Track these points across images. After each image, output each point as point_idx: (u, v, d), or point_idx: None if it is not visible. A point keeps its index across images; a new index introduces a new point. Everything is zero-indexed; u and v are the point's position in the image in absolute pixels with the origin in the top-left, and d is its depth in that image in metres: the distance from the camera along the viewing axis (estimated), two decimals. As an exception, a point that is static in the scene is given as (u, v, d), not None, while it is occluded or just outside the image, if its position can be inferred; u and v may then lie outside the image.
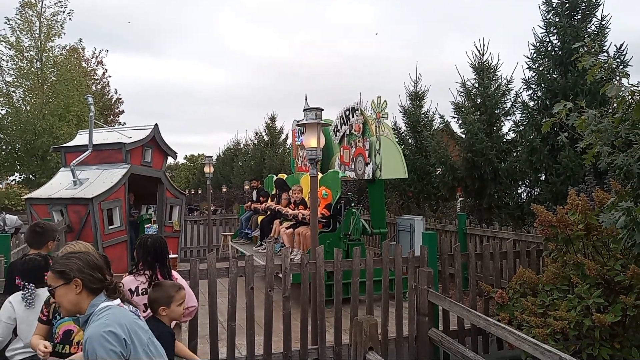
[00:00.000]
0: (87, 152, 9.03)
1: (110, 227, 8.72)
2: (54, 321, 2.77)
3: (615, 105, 3.75)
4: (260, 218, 9.73)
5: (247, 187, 20.30)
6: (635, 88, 3.54)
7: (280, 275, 4.88)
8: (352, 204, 7.81)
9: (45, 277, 3.18)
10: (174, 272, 3.57)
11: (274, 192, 9.87)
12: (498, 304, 4.85)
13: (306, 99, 9.85)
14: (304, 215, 7.76)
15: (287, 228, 8.06)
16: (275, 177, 10.49)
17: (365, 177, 8.15)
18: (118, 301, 2.11)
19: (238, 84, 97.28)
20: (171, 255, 4.86)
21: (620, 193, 3.75)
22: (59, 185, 9.16)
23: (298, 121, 10.26)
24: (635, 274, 3.87)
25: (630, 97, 3.56)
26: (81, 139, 10.12)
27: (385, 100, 7.97)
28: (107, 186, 8.65)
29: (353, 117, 8.52)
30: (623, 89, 3.53)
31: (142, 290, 3.27)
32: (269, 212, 9.33)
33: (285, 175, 10.66)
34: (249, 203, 10.88)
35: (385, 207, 8.78)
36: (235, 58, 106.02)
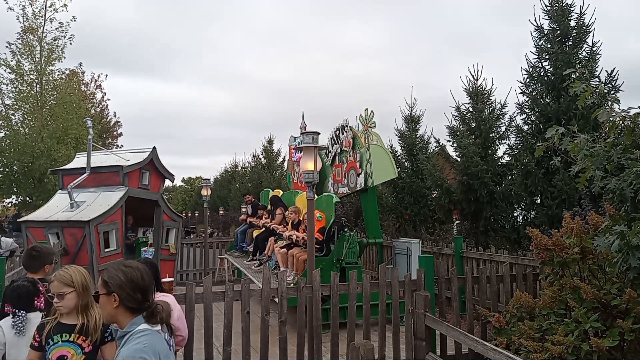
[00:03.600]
0: (85, 175, 9.05)
1: (106, 250, 8.68)
2: (47, 347, 2.74)
3: (607, 129, 3.82)
4: (255, 233, 9.76)
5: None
6: (625, 113, 3.61)
7: (277, 300, 4.86)
8: (346, 229, 7.81)
9: (35, 302, 3.18)
10: (168, 296, 3.55)
11: (269, 208, 9.96)
12: (495, 328, 4.82)
13: (303, 117, 9.99)
14: (298, 237, 7.79)
15: (281, 247, 8.07)
16: (270, 193, 10.55)
17: (358, 188, 8.33)
18: (159, 327, 2.10)
19: (242, 106, 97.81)
20: (167, 279, 4.86)
21: (614, 217, 3.78)
22: (56, 207, 9.15)
23: (295, 137, 10.41)
24: (632, 298, 3.87)
25: (621, 122, 3.64)
26: (79, 161, 10.16)
27: (372, 111, 8.22)
28: (104, 209, 8.65)
29: (343, 134, 8.86)
30: (614, 114, 3.61)
31: None
32: (264, 229, 9.39)
33: (281, 192, 10.75)
34: (244, 216, 10.86)
35: (378, 216, 8.79)
36: (242, 80, 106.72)
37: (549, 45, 8.75)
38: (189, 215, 30.94)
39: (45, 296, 3.21)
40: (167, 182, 11.19)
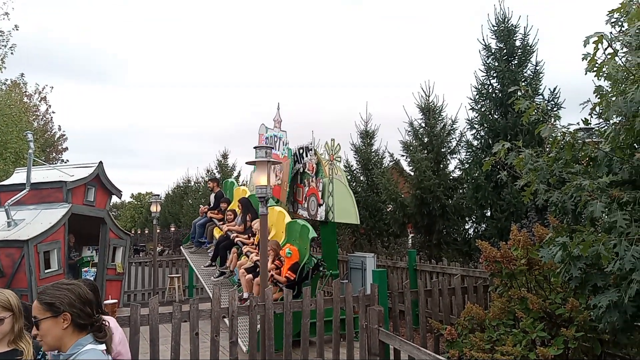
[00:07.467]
0: (24, 191, 8.54)
1: (47, 270, 8.19)
2: None
3: (549, 145, 3.96)
4: (217, 231, 9.23)
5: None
6: (566, 129, 3.76)
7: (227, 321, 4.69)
8: (322, 268, 7.20)
9: None
10: (110, 319, 3.33)
11: (238, 210, 9.09)
12: (448, 340, 4.85)
13: (278, 109, 9.29)
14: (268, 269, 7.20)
15: (246, 270, 7.39)
16: (236, 187, 10.00)
17: (319, 218, 8.00)
18: (104, 347, 2.00)
19: (199, 118, 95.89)
20: (110, 301, 4.60)
21: (556, 228, 3.90)
22: (-9, 226, 8.56)
23: (267, 128, 10.02)
24: (574, 307, 4.00)
25: (562, 137, 3.78)
26: (18, 177, 9.60)
27: (338, 144, 7.90)
28: (45, 227, 8.18)
29: (307, 156, 8.50)
30: (555, 130, 3.75)
31: None
32: (228, 236, 8.62)
33: (248, 192, 9.67)
34: (205, 208, 10.24)
35: (337, 249, 8.50)
36: (199, 90, 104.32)
37: (496, 64, 9.11)
38: (139, 232, 29.90)
39: None
40: (115, 199, 10.72)
